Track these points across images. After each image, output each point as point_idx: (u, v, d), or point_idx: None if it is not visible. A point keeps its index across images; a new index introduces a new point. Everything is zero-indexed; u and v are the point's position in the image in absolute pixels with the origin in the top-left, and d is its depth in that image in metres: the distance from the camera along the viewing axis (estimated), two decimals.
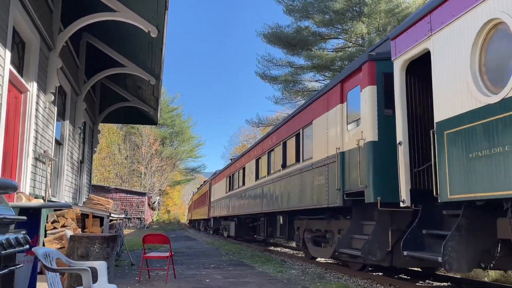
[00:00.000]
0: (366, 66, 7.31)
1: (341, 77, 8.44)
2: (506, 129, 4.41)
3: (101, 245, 5.27)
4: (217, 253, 12.93)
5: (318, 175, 9.07)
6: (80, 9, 8.36)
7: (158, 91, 11.73)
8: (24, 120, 6.81)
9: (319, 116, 9.28)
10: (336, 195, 8.03)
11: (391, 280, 7.11)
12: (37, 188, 7.42)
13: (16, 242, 2.74)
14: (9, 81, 5.97)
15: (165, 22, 7.63)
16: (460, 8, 5.11)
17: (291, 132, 11.36)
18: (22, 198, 5.83)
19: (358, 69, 7.63)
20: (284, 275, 7.96)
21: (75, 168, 11.22)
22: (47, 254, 3.37)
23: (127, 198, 35.40)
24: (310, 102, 10.07)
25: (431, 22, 5.67)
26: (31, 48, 6.96)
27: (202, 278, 7.39)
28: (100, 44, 10.30)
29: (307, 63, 28.39)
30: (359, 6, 25.33)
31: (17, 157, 6.65)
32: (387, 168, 6.69)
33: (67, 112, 9.78)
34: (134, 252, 11.72)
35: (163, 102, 44.25)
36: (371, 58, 7.27)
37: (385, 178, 6.75)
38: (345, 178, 7.87)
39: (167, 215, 54.06)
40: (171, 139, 54.35)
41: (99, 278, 3.89)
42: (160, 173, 51.74)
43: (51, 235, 6.69)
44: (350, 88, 7.97)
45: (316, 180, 9.21)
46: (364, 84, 7.32)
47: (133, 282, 6.90)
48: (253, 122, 35.33)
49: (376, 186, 6.85)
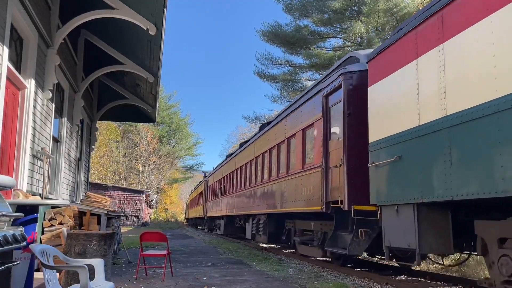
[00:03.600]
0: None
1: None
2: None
3: (99, 243, 5.26)
4: (215, 251, 12.94)
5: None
6: (79, 6, 8.35)
7: (156, 89, 11.72)
8: (21, 117, 6.80)
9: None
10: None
11: (388, 279, 7.13)
12: (34, 186, 7.40)
13: (13, 239, 2.74)
14: (7, 78, 5.96)
15: (163, 20, 7.62)
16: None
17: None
18: (19, 195, 5.82)
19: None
20: (281, 274, 7.97)
21: (73, 166, 11.21)
22: (44, 251, 3.36)
23: (124, 196, 35.37)
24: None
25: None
26: (29, 45, 6.95)
27: (199, 276, 7.40)
28: (98, 42, 10.28)
29: (306, 62, 28.41)
30: (358, 6, 25.35)
31: (15, 154, 6.63)
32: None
33: (64, 110, 9.76)
34: (131, 250, 11.71)
35: (160, 100, 44.20)
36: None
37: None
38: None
39: (164, 213, 54.06)
40: (169, 137, 54.34)
41: (96, 275, 3.89)
42: (157, 171, 51.72)
43: (48, 232, 6.69)
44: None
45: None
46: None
47: (130, 279, 6.90)
48: (250, 119, 35.56)
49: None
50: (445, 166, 5.03)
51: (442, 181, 5.07)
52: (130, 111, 14.67)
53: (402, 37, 6.17)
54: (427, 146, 5.41)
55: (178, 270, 8.14)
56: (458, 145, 4.87)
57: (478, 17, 4.66)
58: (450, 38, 5.12)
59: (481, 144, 4.51)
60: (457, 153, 4.87)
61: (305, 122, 9.90)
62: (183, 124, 56.10)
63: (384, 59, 6.66)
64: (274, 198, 12.04)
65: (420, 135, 5.58)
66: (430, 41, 5.49)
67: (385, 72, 6.56)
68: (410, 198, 5.68)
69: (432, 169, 5.27)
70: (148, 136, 48.78)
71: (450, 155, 4.97)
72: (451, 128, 4.98)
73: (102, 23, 8.85)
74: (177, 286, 6.38)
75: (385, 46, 6.64)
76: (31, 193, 6.82)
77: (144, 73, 10.42)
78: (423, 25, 5.70)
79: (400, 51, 6.20)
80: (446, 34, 5.20)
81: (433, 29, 5.47)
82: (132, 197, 36.08)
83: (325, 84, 8.91)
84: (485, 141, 4.45)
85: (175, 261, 9.61)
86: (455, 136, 4.91)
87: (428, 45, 5.54)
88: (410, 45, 5.94)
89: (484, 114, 4.47)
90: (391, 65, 6.39)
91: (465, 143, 4.75)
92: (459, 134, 4.85)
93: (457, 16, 5.03)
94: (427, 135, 5.44)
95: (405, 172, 5.85)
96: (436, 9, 5.43)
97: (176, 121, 54.58)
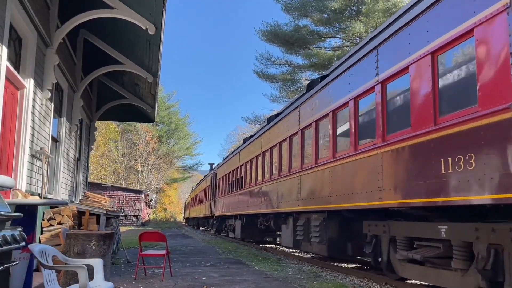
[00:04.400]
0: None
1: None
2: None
3: (98, 243, 5.26)
4: (214, 251, 12.93)
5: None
6: (78, 5, 8.33)
7: (156, 89, 11.71)
8: (20, 116, 6.78)
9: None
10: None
11: (387, 279, 7.14)
12: (33, 185, 7.39)
13: (12, 239, 2.73)
14: (6, 78, 5.94)
15: (162, 20, 7.61)
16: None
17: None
18: (18, 195, 5.81)
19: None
20: (280, 274, 7.97)
21: (72, 166, 11.19)
22: (43, 251, 3.36)
23: (123, 196, 35.36)
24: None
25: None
26: (28, 44, 6.93)
27: (198, 276, 7.39)
28: (98, 41, 10.27)
29: (305, 61, 28.44)
30: (357, 5, 25.37)
31: (14, 154, 6.62)
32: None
33: (63, 109, 9.74)
34: (130, 250, 11.70)
35: (160, 100, 44.18)
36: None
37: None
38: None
39: (163, 213, 54.04)
40: (168, 136, 54.35)
41: (95, 275, 3.89)
42: (156, 170, 51.69)
43: (47, 232, 6.68)
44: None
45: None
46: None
47: (129, 279, 6.89)
48: (249, 120, 35.63)
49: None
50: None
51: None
52: (129, 110, 14.65)
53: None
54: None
55: (177, 270, 8.13)
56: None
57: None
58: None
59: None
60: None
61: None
62: (182, 123, 56.14)
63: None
64: (341, 188, 7.96)
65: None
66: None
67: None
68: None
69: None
70: (147, 136, 48.77)
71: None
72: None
73: (101, 23, 8.83)
74: (176, 286, 6.38)
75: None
76: (30, 193, 6.80)
77: (143, 73, 10.40)
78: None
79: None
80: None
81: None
82: (131, 197, 36.06)
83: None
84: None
85: (174, 261, 9.60)
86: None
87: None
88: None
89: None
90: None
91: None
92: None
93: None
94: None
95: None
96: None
97: (175, 121, 54.61)
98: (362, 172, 7.15)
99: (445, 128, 5.14)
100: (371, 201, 6.75)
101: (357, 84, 7.60)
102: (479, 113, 4.64)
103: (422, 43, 5.77)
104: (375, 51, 7.04)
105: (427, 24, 5.69)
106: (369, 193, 6.84)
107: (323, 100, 9.22)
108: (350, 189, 7.56)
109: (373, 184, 6.73)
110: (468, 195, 4.70)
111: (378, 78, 6.84)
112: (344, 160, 7.87)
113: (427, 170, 5.41)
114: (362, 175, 7.14)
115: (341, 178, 7.95)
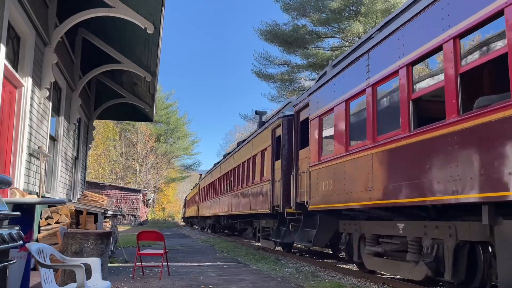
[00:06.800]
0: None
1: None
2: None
3: (95, 242, 5.25)
4: (212, 250, 12.93)
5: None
6: (76, 4, 8.32)
7: (154, 88, 11.70)
8: (18, 115, 6.77)
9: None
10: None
11: (385, 279, 7.15)
12: (31, 184, 7.38)
13: (10, 238, 2.73)
14: (4, 76, 5.93)
15: (161, 19, 7.61)
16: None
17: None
18: (16, 193, 5.80)
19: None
20: (278, 273, 7.98)
21: (70, 165, 11.18)
22: (40, 250, 3.35)
23: (121, 195, 35.33)
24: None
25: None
26: (26, 43, 6.92)
27: (196, 276, 7.39)
28: (96, 40, 10.25)
29: (303, 61, 28.44)
30: (355, 6, 25.38)
31: (11, 153, 6.61)
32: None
33: (62, 108, 9.73)
34: (128, 249, 11.70)
35: (158, 99, 44.11)
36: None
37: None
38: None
39: (162, 212, 53.99)
40: (166, 136, 54.31)
41: (93, 274, 3.88)
42: (155, 170, 51.66)
43: (45, 231, 6.68)
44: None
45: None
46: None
47: (127, 279, 6.89)
48: (248, 117, 35.72)
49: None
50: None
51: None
52: (127, 110, 14.65)
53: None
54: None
55: (175, 270, 8.13)
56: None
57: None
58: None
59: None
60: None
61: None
62: (180, 123, 56.12)
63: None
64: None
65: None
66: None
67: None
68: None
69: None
70: (146, 135, 48.71)
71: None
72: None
73: (100, 22, 8.82)
74: (174, 285, 6.37)
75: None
76: (28, 192, 6.80)
77: (141, 72, 10.40)
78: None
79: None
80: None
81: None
82: (129, 196, 36.03)
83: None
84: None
85: (172, 260, 9.60)
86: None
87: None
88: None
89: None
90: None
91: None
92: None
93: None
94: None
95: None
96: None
97: (173, 120, 54.57)
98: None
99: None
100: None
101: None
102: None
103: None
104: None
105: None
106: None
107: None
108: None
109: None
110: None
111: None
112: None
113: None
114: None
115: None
